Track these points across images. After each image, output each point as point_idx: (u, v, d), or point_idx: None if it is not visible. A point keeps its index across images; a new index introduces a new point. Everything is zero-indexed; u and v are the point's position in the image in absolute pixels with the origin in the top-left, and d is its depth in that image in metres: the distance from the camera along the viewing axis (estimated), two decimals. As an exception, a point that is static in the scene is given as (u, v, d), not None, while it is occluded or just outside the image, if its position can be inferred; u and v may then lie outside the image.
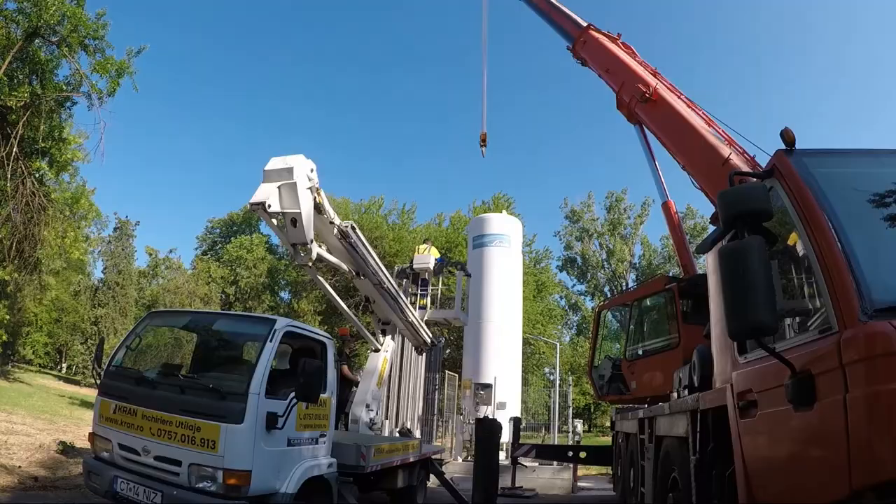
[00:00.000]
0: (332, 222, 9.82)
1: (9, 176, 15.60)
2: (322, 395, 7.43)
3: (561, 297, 60.40)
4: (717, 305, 5.61)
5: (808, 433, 3.66)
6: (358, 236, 10.50)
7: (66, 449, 12.98)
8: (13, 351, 33.97)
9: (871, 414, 3.14)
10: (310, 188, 8.78)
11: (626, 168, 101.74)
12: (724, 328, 5.12)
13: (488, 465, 5.10)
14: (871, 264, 3.63)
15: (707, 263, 6.50)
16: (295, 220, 8.69)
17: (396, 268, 17.33)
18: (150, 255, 44.95)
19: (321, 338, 8.22)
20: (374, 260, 11.22)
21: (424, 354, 16.52)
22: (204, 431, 6.28)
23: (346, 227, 10.14)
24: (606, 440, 22.61)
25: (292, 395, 6.77)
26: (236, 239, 48.71)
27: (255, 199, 8.34)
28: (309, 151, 8.87)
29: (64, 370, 47.35)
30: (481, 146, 19.95)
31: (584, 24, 14.35)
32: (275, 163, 8.68)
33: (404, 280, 15.85)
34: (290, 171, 8.50)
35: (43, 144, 16.49)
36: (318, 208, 9.28)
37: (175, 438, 6.43)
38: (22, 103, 15.01)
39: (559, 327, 52.71)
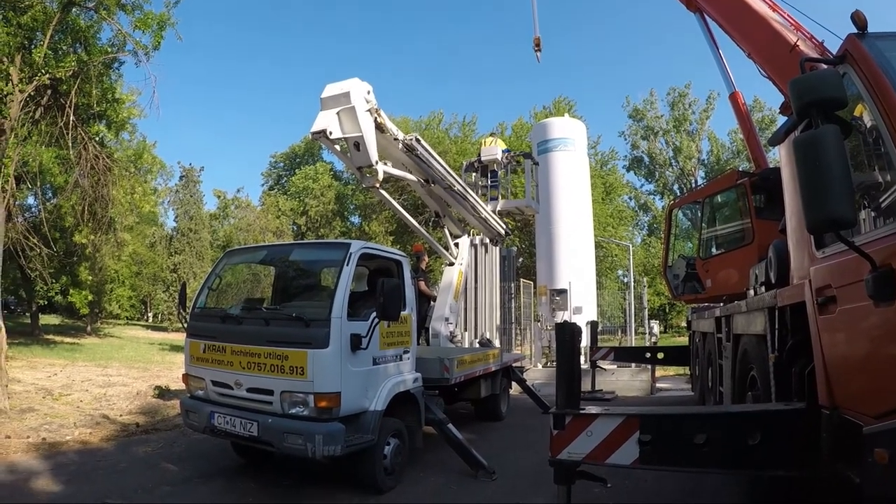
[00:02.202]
0: (395, 138, 9.89)
1: (70, 144, 15.97)
2: (402, 313, 7.55)
3: (630, 198, 59.53)
4: (793, 199, 5.44)
5: (889, 329, 3.48)
6: (424, 146, 10.58)
7: (162, 393, 13.63)
8: (100, 308, 35.48)
9: None
10: (368, 110, 8.80)
11: (688, 61, 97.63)
12: (800, 222, 5.07)
13: (570, 369, 5.14)
14: None
15: (780, 155, 6.21)
16: (358, 144, 8.78)
17: (465, 162, 17.29)
18: (219, 197, 45.83)
19: (396, 256, 8.32)
20: (442, 165, 11.27)
21: (499, 264, 16.67)
22: (292, 359, 6.49)
23: (411, 139, 10.18)
24: (683, 340, 22.54)
25: (374, 315, 6.90)
26: (301, 170, 49.11)
27: (316, 127, 8.43)
28: (362, 76, 8.85)
29: (150, 319, 49.48)
30: (535, 51, 19.44)
31: None
32: (331, 89, 8.70)
33: (474, 174, 15.86)
34: (346, 95, 8.53)
35: (98, 108, 16.76)
36: (380, 128, 9.34)
37: (265, 369, 6.68)
38: (70, 72, 15.22)
39: (630, 228, 52.14)
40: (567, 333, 5.36)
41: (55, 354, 21.49)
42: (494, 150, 15.66)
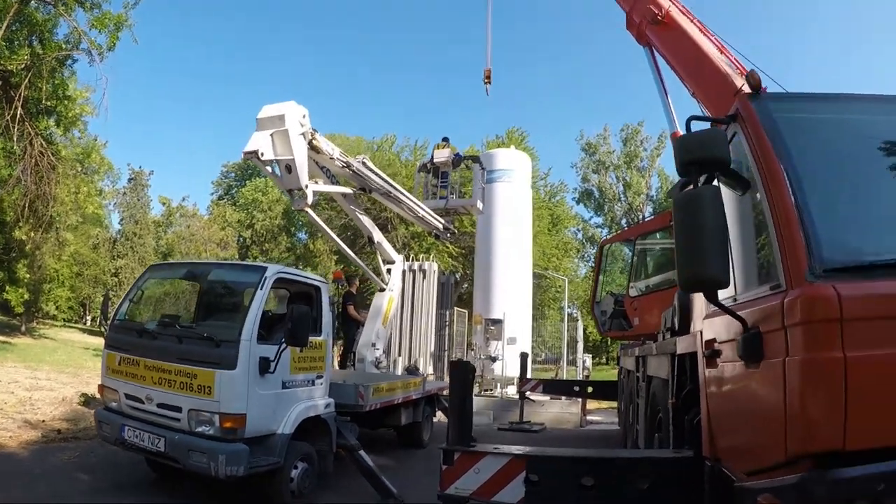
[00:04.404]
0: (331, 157, 10.05)
1: (15, 138, 15.71)
2: (317, 338, 7.79)
3: (578, 230, 60.32)
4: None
5: (756, 391, 3.59)
6: (370, 168, 11.09)
7: (88, 400, 13.32)
8: (36, 308, 34.59)
9: (805, 382, 3.06)
10: (303, 133, 8.87)
11: (643, 99, 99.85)
12: None
13: (462, 406, 5.25)
14: (827, 220, 3.44)
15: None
16: (289, 167, 8.82)
17: (419, 163, 17.88)
18: (164, 204, 45.32)
19: (314, 282, 8.37)
20: (378, 174, 11.51)
21: (437, 290, 16.79)
22: (200, 378, 6.59)
23: (360, 161, 10.84)
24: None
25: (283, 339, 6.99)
26: (251, 182, 48.89)
27: (249, 147, 8.47)
28: (319, 91, 8.98)
29: (88, 322, 48.35)
30: (485, 83, 19.57)
31: None
32: (267, 111, 8.75)
33: (427, 174, 16.23)
34: (281, 118, 8.58)
35: (48, 103, 16.57)
36: (315, 149, 9.46)
37: (175, 386, 6.77)
38: (23, 65, 15.03)
39: (575, 260, 52.72)
40: (460, 372, 5.46)
41: None
42: (446, 153, 16.09)
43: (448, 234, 15.16)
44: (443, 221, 14.47)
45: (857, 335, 2.99)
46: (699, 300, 5.41)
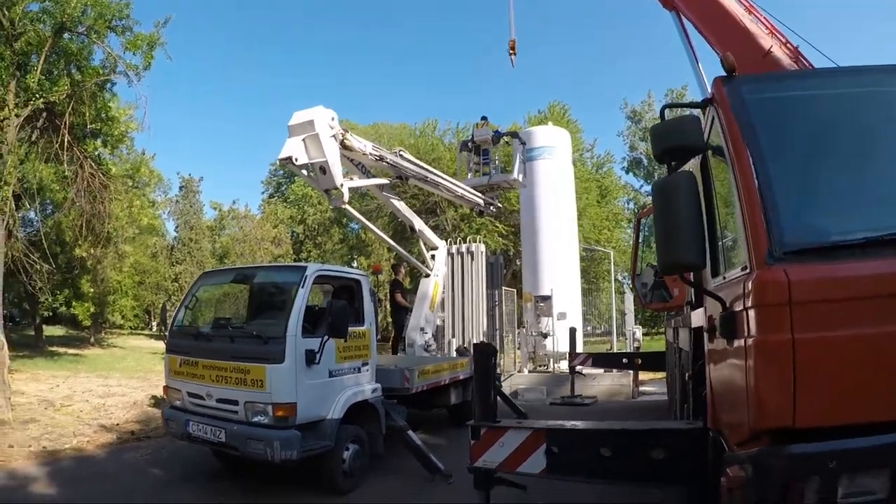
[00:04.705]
0: (365, 153, 10.53)
1: (65, 163, 16.48)
2: (360, 328, 8.46)
3: (629, 200, 59.65)
4: None
5: (733, 367, 3.72)
6: (408, 158, 11.79)
7: (157, 402, 14.09)
8: (103, 319, 35.84)
9: (758, 361, 3.21)
10: (333, 136, 9.34)
11: (684, 63, 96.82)
12: None
13: (486, 385, 5.64)
14: (789, 202, 3.52)
15: None
16: (323, 168, 9.32)
17: (460, 142, 18.05)
18: (215, 209, 46.42)
19: (355, 276, 9.02)
20: (413, 162, 12.09)
21: (485, 271, 17.16)
22: (253, 373, 7.23)
23: (396, 153, 11.51)
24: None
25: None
26: (300, 178, 49.41)
27: (283, 154, 9.09)
28: (362, 82, 9.39)
29: (154, 328, 49.92)
30: (510, 55, 19.37)
31: None
32: (297, 117, 9.28)
33: (469, 153, 16.53)
34: (311, 123, 9.08)
35: (93, 126, 17.25)
36: (348, 148, 9.96)
37: (230, 382, 7.45)
38: (64, 95, 15.73)
39: (628, 231, 52.28)
40: (482, 354, 5.85)
41: (58, 366, 21.81)
42: (486, 131, 16.35)
43: (492, 209, 15.65)
44: (484, 198, 14.91)
45: (805, 317, 3.10)
46: (708, 275, 5.63)
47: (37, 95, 14.93)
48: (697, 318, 5.41)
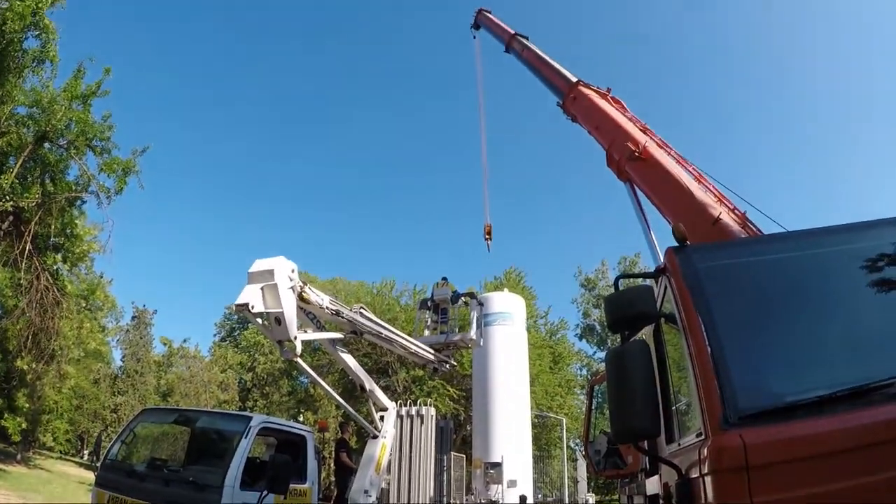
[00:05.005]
0: (322, 307, 10.45)
1: (23, 271, 16.23)
2: (302, 486, 8.10)
3: (582, 367, 59.91)
4: None
5: None
6: (368, 316, 11.88)
7: (78, 536, 13.24)
8: (33, 438, 34.24)
9: None
10: (291, 287, 9.33)
11: (637, 232, 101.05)
12: None
13: None
14: (741, 367, 3.56)
15: None
16: (279, 319, 9.21)
17: (419, 300, 18.64)
18: (165, 344, 45.60)
19: (300, 431, 8.78)
20: (373, 320, 12.13)
21: (435, 435, 16.84)
22: None
23: (356, 308, 11.67)
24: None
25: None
26: (253, 325, 49.11)
27: (239, 300, 8.95)
28: (321, 237, 9.48)
29: (85, 457, 47.51)
30: (486, 240, 19.85)
31: (574, 80, 14.13)
32: (258, 265, 9.28)
33: (427, 312, 16.72)
34: (271, 272, 9.08)
35: (56, 240, 17.18)
36: (305, 300, 9.90)
37: None
38: (34, 202, 15.73)
39: (580, 397, 52.14)
40: None
41: None
42: (446, 290, 16.63)
43: (446, 367, 15.54)
44: (439, 356, 14.86)
45: (763, 481, 3.08)
46: (663, 442, 5.52)
47: (7, 197, 14.85)
48: (653, 485, 5.36)
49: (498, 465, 20.39)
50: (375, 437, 12.68)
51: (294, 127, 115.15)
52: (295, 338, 9.38)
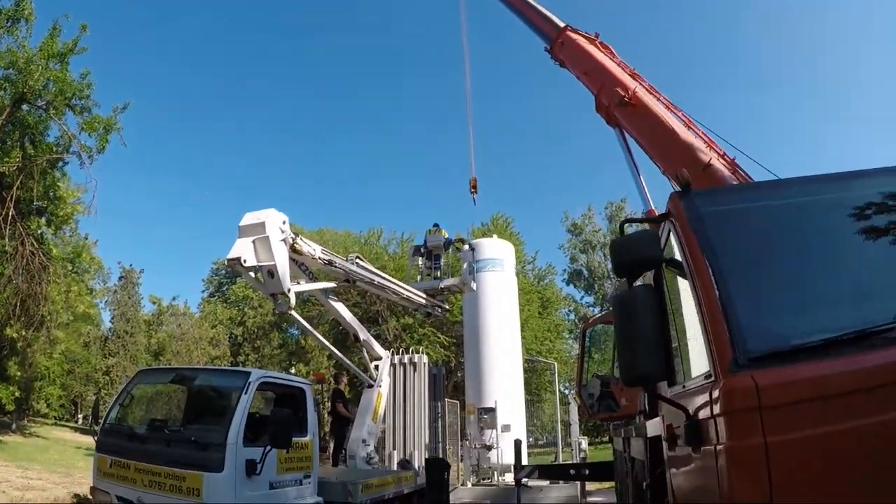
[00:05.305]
0: (314, 257, 10.43)
1: (7, 238, 15.99)
2: (303, 439, 8.00)
3: (570, 311, 60.36)
4: None
5: (699, 475, 3.75)
6: (363, 265, 12.04)
7: (81, 502, 13.24)
8: (27, 406, 34.15)
9: (731, 466, 3.22)
10: (283, 239, 9.22)
11: (625, 176, 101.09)
12: None
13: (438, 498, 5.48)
14: (749, 309, 3.58)
15: None
16: (271, 272, 9.13)
17: (412, 246, 18.60)
18: (154, 303, 45.34)
19: (299, 384, 8.70)
20: (367, 268, 12.24)
21: (428, 382, 16.96)
22: (189, 481, 6.78)
23: (351, 258, 11.86)
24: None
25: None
26: (242, 279, 48.95)
27: (231, 254, 8.87)
28: (307, 186, 9.34)
29: (80, 421, 47.62)
30: (472, 193, 19.80)
31: (562, 25, 14.04)
32: (248, 218, 9.16)
33: (420, 258, 17.05)
34: (262, 225, 8.97)
35: (39, 203, 16.90)
36: (298, 252, 9.83)
37: (164, 488, 6.94)
38: (15, 167, 15.42)
39: (569, 341, 52.63)
40: (435, 470, 5.65)
41: None
42: (438, 237, 16.85)
43: (439, 312, 15.93)
44: (432, 300, 15.10)
45: (776, 420, 3.13)
46: (665, 384, 5.66)
47: None
48: (654, 427, 5.43)
49: (492, 411, 20.59)
50: (371, 386, 12.76)
51: (276, 68, 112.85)
52: (288, 290, 9.33)
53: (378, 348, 13.22)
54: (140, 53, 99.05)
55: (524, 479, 16.16)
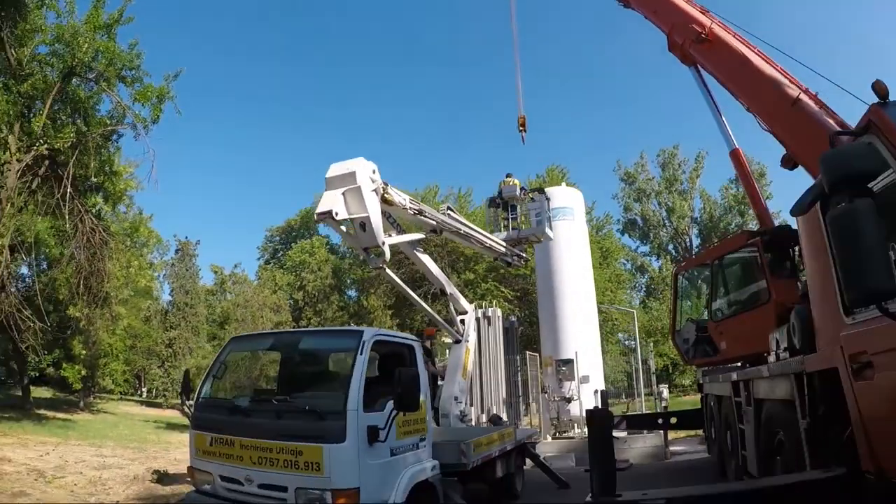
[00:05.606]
0: (405, 207, 10.00)
1: (67, 216, 15.85)
2: None
3: (626, 261, 59.75)
4: (818, 268, 5.54)
5: None
6: (454, 216, 11.96)
7: (161, 477, 13.07)
8: (93, 383, 34.64)
9: None
10: (374, 189, 8.71)
11: (674, 122, 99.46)
12: (823, 290, 5.35)
13: (604, 456, 5.05)
14: None
15: (800, 225, 6.19)
16: (364, 224, 8.62)
17: (488, 198, 18.36)
18: (216, 272, 45.60)
19: (408, 342, 8.08)
20: (457, 218, 12.15)
21: (502, 336, 16.62)
22: (307, 454, 6.19)
23: (445, 211, 11.80)
24: (688, 401, 22.18)
25: (391, 406, 6.62)
26: (297, 244, 49.26)
27: (321, 208, 8.34)
28: (350, 150, 8.85)
29: (144, 394, 48.56)
30: (520, 131, 19.35)
31: None
32: (336, 169, 8.61)
33: (496, 208, 17.03)
34: (352, 175, 8.44)
35: (95, 180, 16.72)
36: (388, 202, 9.35)
37: (278, 465, 6.36)
38: (69, 143, 15.22)
39: (628, 291, 52.12)
40: (599, 420, 5.25)
41: (47, 431, 20.36)
42: (513, 188, 16.74)
43: (521, 261, 15.71)
44: (512, 249, 14.95)
45: None
46: (824, 317, 5.49)
47: (41, 141, 14.37)
48: (817, 362, 5.44)
49: (570, 362, 20.33)
50: (458, 341, 12.37)
51: (317, 39, 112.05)
52: (383, 243, 8.82)
53: (464, 302, 12.79)
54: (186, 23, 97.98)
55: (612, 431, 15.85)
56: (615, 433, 16.27)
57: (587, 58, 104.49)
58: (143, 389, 50.53)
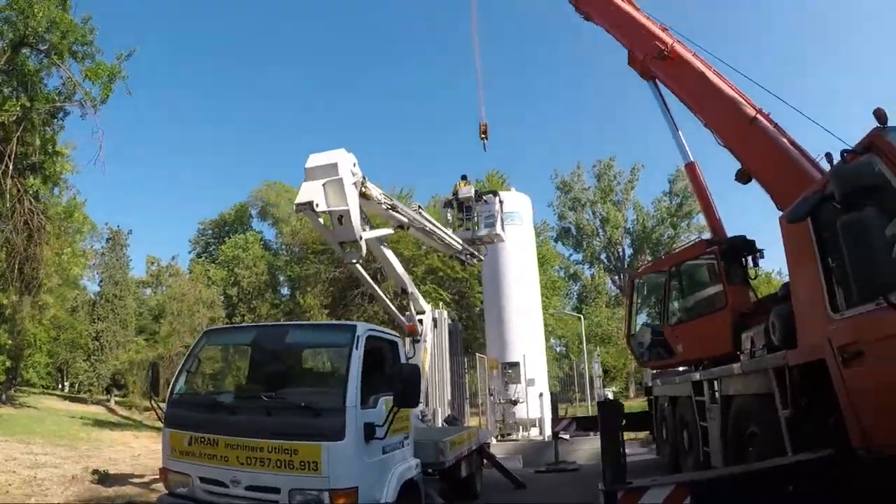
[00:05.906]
0: (380, 203, 10.08)
1: (7, 197, 15.15)
2: None
3: (560, 268, 60.58)
4: (803, 271, 6.16)
5: None
6: (422, 215, 12.22)
7: (102, 478, 12.52)
8: (16, 375, 33.03)
9: None
10: (354, 182, 8.64)
11: (613, 133, 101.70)
12: (810, 291, 5.90)
13: (615, 445, 5.22)
14: None
15: (785, 232, 6.69)
16: (342, 218, 8.52)
17: (444, 199, 18.43)
18: (153, 263, 44.33)
19: (393, 338, 7.85)
20: (424, 217, 12.36)
21: (447, 338, 16.71)
22: (303, 453, 5.94)
23: (413, 207, 12.10)
24: (631, 405, 22.63)
25: (384, 401, 6.52)
26: (230, 239, 48.26)
27: (301, 198, 8.20)
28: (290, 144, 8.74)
29: (66, 389, 46.83)
30: (482, 139, 19.39)
31: None
32: (316, 159, 8.50)
33: (450, 210, 17.09)
34: (334, 167, 8.36)
35: (36, 159, 16.05)
36: (366, 197, 9.34)
37: (269, 465, 6.06)
38: (14, 118, 14.55)
39: (562, 298, 52.85)
40: (610, 412, 5.43)
41: None
42: (469, 189, 16.81)
43: (475, 261, 16.38)
44: (468, 248, 15.37)
45: None
46: (808, 315, 6.09)
47: None
48: (801, 355, 6.04)
49: (516, 365, 20.52)
50: (417, 341, 12.40)
51: (269, 26, 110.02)
52: (360, 237, 8.73)
53: (423, 302, 12.83)
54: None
55: (561, 432, 16.07)
56: (561, 435, 16.56)
57: (526, 67, 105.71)
58: (66, 383, 48.65)
